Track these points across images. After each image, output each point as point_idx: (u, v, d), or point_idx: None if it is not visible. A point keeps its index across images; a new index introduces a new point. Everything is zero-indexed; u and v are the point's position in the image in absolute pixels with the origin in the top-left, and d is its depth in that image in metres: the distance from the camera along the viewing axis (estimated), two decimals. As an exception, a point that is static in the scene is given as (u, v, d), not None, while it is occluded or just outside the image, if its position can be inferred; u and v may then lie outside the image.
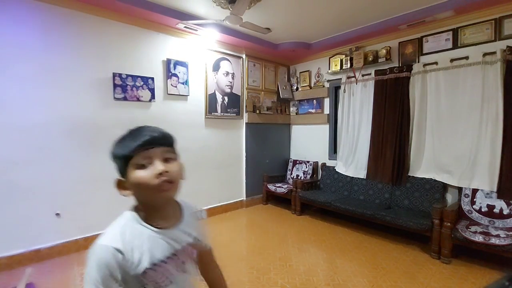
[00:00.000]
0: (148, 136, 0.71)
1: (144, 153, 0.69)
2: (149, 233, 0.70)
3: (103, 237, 0.69)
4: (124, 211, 0.75)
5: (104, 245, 0.66)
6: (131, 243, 0.66)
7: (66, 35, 2.68)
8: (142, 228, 0.70)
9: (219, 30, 3.47)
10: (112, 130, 3.01)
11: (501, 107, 2.68)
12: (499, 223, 2.62)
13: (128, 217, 0.72)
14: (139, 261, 0.66)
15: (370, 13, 3.20)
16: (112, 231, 0.69)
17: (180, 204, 0.85)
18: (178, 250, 0.74)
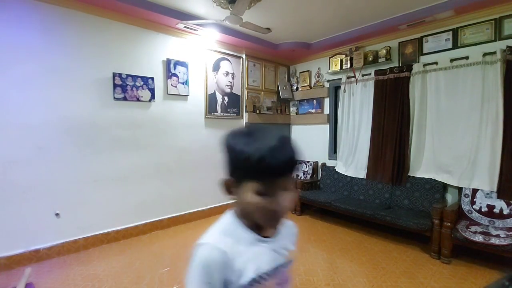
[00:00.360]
0: (287, 163, 0.60)
1: (274, 182, 0.58)
2: (253, 241, 0.63)
3: (207, 237, 0.64)
4: (227, 212, 0.69)
5: (209, 244, 0.61)
6: (235, 248, 0.60)
7: (66, 35, 2.68)
8: (246, 234, 0.63)
9: (219, 30, 3.47)
10: (112, 130, 3.01)
11: (501, 107, 2.67)
12: (499, 223, 2.61)
13: (231, 220, 0.66)
14: (243, 270, 0.59)
15: (370, 13, 3.19)
16: (216, 231, 0.65)
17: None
18: (281, 265, 0.66)
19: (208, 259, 0.58)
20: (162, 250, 2.82)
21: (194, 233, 3.31)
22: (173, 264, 2.53)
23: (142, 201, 3.26)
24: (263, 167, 0.56)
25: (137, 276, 2.32)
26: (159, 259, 2.63)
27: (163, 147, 3.43)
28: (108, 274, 2.35)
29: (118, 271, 2.41)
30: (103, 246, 2.92)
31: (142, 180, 3.25)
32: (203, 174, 3.87)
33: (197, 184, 3.79)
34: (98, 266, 2.48)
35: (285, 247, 0.69)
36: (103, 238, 2.95)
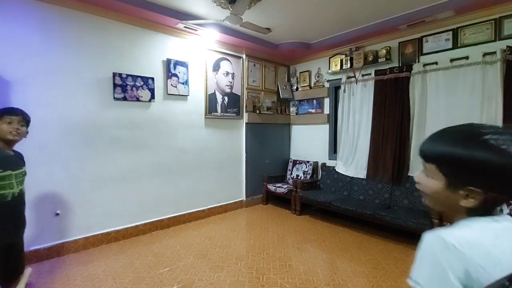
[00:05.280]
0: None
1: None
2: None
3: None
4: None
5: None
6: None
7: (66, 35, 2.68)
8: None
9: (219, 30, 3.47)
10: (112, 130, 3.01)
11: (500, 107, 2.68)
12: (499, 223, 2.61)
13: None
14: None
15: (370, 13, 3.20)
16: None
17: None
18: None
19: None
20: (162, 250, 2.82)
21: (194, 233, 3.31)
22: (173, 264, 2.53)
23: (142, 201, 3.26)
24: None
25: (137, 276, 2.32)
26: (159, 259, 2.63)
27: (163, 147, 3.43)
28: (108, 274, 2.35)
29: (118, 271, 2.41)
30: (103, 246, 2.92)
31: (142, 180, 3.25)
32: (203, 174, 3.87)
33: (197, 184, 3.79)
34: (98, 266, 2.48)
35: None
36: (103, 238, 2.95)
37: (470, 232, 0.56)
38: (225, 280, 2.25)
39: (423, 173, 0.65)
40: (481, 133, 0.56)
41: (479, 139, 0.55)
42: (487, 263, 0.51)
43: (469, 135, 0.57)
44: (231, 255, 2.71)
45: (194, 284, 2.19)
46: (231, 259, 2.64)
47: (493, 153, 0.53)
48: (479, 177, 0.55)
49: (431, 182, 0.62)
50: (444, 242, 0.54)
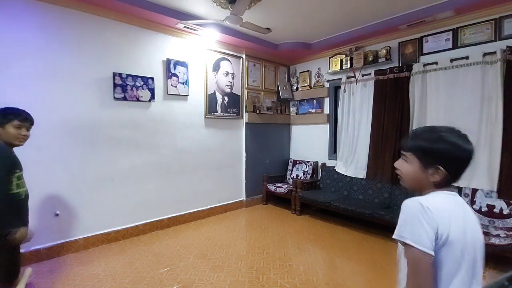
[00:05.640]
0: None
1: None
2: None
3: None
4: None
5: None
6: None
7: (66, 35, 2.68)
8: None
9: (219, 30, 3.47)
10: (112, 130, 3.01)
11: (500, 107, 2.67)
12: (499, 223, 2.62)
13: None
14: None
15: (370, 13, 3.19)
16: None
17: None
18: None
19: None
20: (162, 250, 2.82)
21: (194, 233, 3.32)
22: (173, 264, 2.53)
23: (142, 201, 3.26)
24: (466, 146, 0.81)
25: (137, 276, 2.32)
26: (159, 259, 2.63)
27: (163, 147, 3.43)
28: (108, 274, 2.35)
29: (118, 271, 2.41)
30: (103, 246, 2.92)
31: (142, 180, 3.25)
32: (203, 174, 3.87)
33: (197, 184, 3.80)
34: (98, 266, 2.48)
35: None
36: (103, 238, 2.95)
37: (437, 200, 0.78)
38: (225, 280, 2.25)
39: (402, 160, 0.89)
40: (438, 131, 0.82)
41: (438, 135, 0.81)
42: (447, 222, 0.73)
43: (431, 133, 0.83)
44: (231, 255, 2.71)
45: (194, 284, 2.19)
46: (231, 259, 2.64)
47: (447, 144, 0.79)
48: (441, 160, 0.79)
49: (409, 166, 0.86)
50: (422, 205, 0.75)
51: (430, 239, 0.71)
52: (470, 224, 0.78)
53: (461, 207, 0.79)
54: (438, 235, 0.72)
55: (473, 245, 0.76)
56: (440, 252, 0.72)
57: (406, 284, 0.76)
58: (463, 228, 0.75)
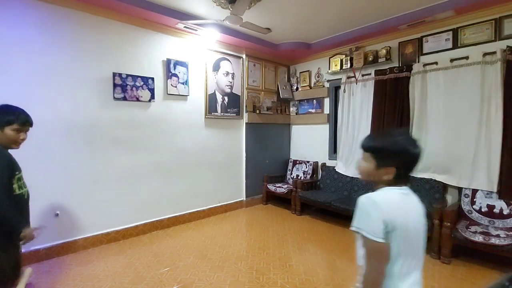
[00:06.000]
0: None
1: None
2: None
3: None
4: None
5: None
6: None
7: (66, 35, 2.68)
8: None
9: (219, 30, 3.47)
10: (112, 130, 3.01)
11: (500, 107, 2.67)
12: (499, 223, 2.61)
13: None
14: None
15: (370, 13, 3.19)
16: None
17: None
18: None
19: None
20: (162, 250, 2.82)
21: (194, 233, 3.31)
22: (173, 264, 2.53)
23: (142, 201, 3.26)
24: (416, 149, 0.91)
25: (137, 276, 2.32)
26: (159, 259, 2.63)
27: (163, 147, 3.43)
28: (108, 274, 2.35)
29: (118, 271, 2.41)
30: (102, 246, 2.92)
31: (142, 180, 3.25)
32: (203, 174, 3.87)
33: (197, 184, 3.79)
34: (98, 266, 2.48)
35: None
36: (103, 238, 2.95)
37: (386, 196, 0.91)
38: (225, 280, 2.25)
39: (362, 159, 0.99)
40: (393, 136, 0.94)
41: (392, 139, 0.93)
42: (394, 213, 0.87)
43: (388, 137, 0.95)
44: (231, 255, 2.71)
45: (194, 284, 2.19)
46: (231, 259, 2.64)
47: (399, 148, 0.90)
48: (393, 161, 0.91)
49: (366, 164, 0.97)
50: (373, 200, 0.89)
51: (379, 229, 0.84)
52: (414, 214, 0.94)
53: (407, 200, 0.93)
54: (386, 224, 0.85)
55: (415, 231, 0.93)
56: (387, 237, 0.86)
57: (365, 266, 0.90)
58: (406, 218, 0.89)
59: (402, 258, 0.88)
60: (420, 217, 0.96)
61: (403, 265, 0.88)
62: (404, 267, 0.88)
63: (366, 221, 0.87)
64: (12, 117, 1.46)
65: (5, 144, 1.47)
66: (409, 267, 0.90)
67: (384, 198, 0.89)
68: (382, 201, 0.88)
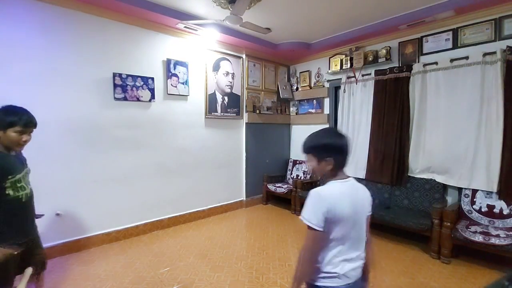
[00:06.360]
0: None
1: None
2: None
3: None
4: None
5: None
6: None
7: (66, 35, 2.68)
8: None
9: (219, 30, 3.47)
10: (112, 130, 3.01)
11: (501, 107, 2.67)
12: (499, 223, 2.62)
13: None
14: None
15: (370, 13, 3.20)
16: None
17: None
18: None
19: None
20: (162, 250, 2.82)
21: (195, 233, 3.32)
22: (173, 263, 2.54)
23: (143, 201, 3.26)
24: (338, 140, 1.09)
25: (137, 276, 2.33)
26: (160, 259, 2.64)
27: (163, 147, 3.43)
28: (109, 274, 2.35)
29: (119, 271, 2.41)
30: (104, 246, 2.93)
31: (142, 180, 3.26)
32: (203, 174, 3.88)
33: (197, 184, 3.80)
34: (99, 266, 2.49)
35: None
36: (104, 238, 2.96)
37: (330, 189, 1.05)
38: (225, 280, 2.26)
39: (307, 161, 1.16)
40: (320, 134, 1.14)
41: (320, 136, 1.13)
42: (336, 204, 1.00)
43: (316, 137, 1.13)
44: (231, 255, 2.71)
45: (194, 284, 2.20)
46: (231, 259, 2.64)
47: (328, 142, 1.09)
48: (327, 153, 1.07)
49: (312, 163, 1.13)
50: (319, 194, 1.03)
51: (320, 220, 0.99)
52: (357, 202, 1.06)
53: (350, 190, 1.07)
54: (329, 215, 0.99)
55: (359, 218, 1.06)
56: (330, 225, 1.01)
57: (304, 246, 1.06)
58: (349, 207, 1.02)
59: (340, 240, 1.03)
60: (363, 203, 1.10)
61: (344, 245, 1.04)
62: (345, 246, 1.04)
63: (311, 212, 1.02)
64: (15, 118, 1.42)
65: (9, 146, 1.45)
66: (351, 246, 1.05)
67: (328, 191, 1.03)
68: (326, 194, 1.02)
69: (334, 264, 1.03)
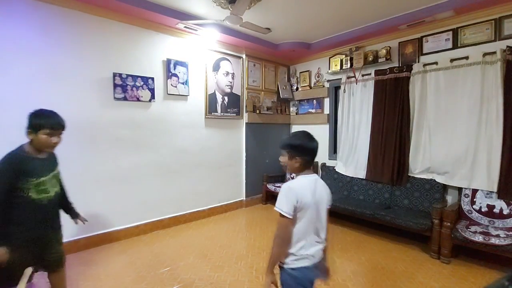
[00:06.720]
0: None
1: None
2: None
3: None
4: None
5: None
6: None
7: (66, 35, 2.68)
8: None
9: (219, 30, 3.47)
10: (112, 130, 3.01)
11: (501, 107, 2.67)
12: (499, 223, 2.62)
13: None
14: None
15: (370, 13, 3.20)
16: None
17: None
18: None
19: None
20: (162, 250, 2.82)
21: (195, 233, 3.32)
22: (174, 263, 2.54)
23: (143, 201, 3.26)
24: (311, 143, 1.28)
25: (137, 275, 2.33)
26: (160, 258, 2.64)
27: (163, 147, 3.43)
28: (109, 274, 2.35)
29: (119, 270, 2.41)
30: (104, 245, 2.93)
31: (142, 180, 3.26)
32: (204, 174, 3.88)
33: (197, 184, 3.80)
34: (99, 266, 2.49)
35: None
36: (104, 238, 2.96)
37: (298, 182, 1.25)
38: (225, 280, 2.26)
39: (282, 156, 1.34)
40: (296, 135, 1.32)
41: (295, 137, 1.31)
42: (302, 195, 1.20)
43: (293, 137, 1.32)
44: (231, 255, 2.71)
45: (194, 284, 2.20)
46: (231, 258, 2.64)
47: (300, 143, 1.27)
48: (297, 152, 1.26)
49: (285, 158, 1.32)
50: (289, 187, 1.22)
51: (289, 208, 1.17)
52: (318, 193, 1.25)
53: (313, 184, 1.25)
54: (297, 204, 1.18)
55: (319, 206, 1.26)
56: (298, 213, 1.20)
57: (276, 231, 1.22)
58: (312, 197, 1.21)
59: (305, 224, 1.23)
60: (322, 195, 1.28)
61: (307, 229, 1.24)
62: (307, 231, 1.24)
63: (283, 202, 1.19)
64: (42, 121, 1.52)
65: (40, 148, 1.53)
66: (313, 231, 1.27)
67: (296, 184, 1.23)
68: (295, 187, 1.21)
69: (303, 248, 1.23)
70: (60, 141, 1.62)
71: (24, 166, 1.46)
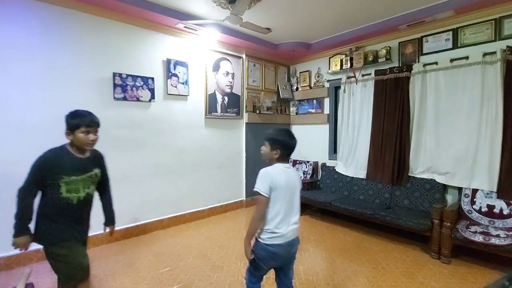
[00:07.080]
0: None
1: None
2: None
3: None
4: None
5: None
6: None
7: (66, 35, 2.68)
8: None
9: (219, 30, 3.47)
10: (112, 130, 3.01)
11: (500, 107, 2.67)
12: (499, 223, 2.62)
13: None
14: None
15: (370, 13, 3.20)
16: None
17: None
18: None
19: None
20: (162, 250, 2.82)
21: (194, 233, 3.32)
22: (173, 264, 2.53)
23: (142, 201, 3.26)
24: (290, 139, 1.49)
25: (137, 276, 2.32)
26: (159, 259, 2.63)
27: (163, 147, 3.43)
28: (108, 274, 2.35)
29: (118, 271, 2.41)
30: (103, 246, 2.92)
31: (142, 180, 3.25)
32: (203, 174, 3.87)
33: (197, 184, 3.80)
34: (98, 266, 2.48)
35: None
36: (103, 238, 2.95)
37: (274, 168, 1.44)
38: (225, 280, 2.25)
39: (264, 146, 1.50)
40: (279, 131, 1.49)
41: (278, 133, 1.48)
42: (277, 178, 1.40)
43: (277, 131, 1.49)
44: (231, 255, 2.71)
45: (194, 284, 2.20)
46: (231, 259, 2.64)
47: (281, 138, 1.46)
48: (277, 146, 1.45)
49: (266, 148, 1.49)
50: (266, 171, 1.42)
51: (266, 188, 1.39)
52: (290, 179, 1.44)
53: (287, 172, 1.45)
54: (272, 185, 1.38)
55: (291, 190, 1.44)
56: (272, 194, 1.40)
57: (255, 209, 1.45)
58: (285, 181, 1.41)
59: (279, 204, 1.42)
60: (294, 179, 1.48)
61: (280, 209, 1.42)
62: (280, 210, 1.42)
63: (260, 183, 1.40)
64: (78, 120, 1.59)
65: (80, 146, 1.59)
66: (286, 211, 1.43)
67: (273, 170, 1.43)
68: (271, 172, 1.41)
69: (278, 227, 1.41)
70: (97, 138, 1.67)
71: (58, 162, 1.52)
